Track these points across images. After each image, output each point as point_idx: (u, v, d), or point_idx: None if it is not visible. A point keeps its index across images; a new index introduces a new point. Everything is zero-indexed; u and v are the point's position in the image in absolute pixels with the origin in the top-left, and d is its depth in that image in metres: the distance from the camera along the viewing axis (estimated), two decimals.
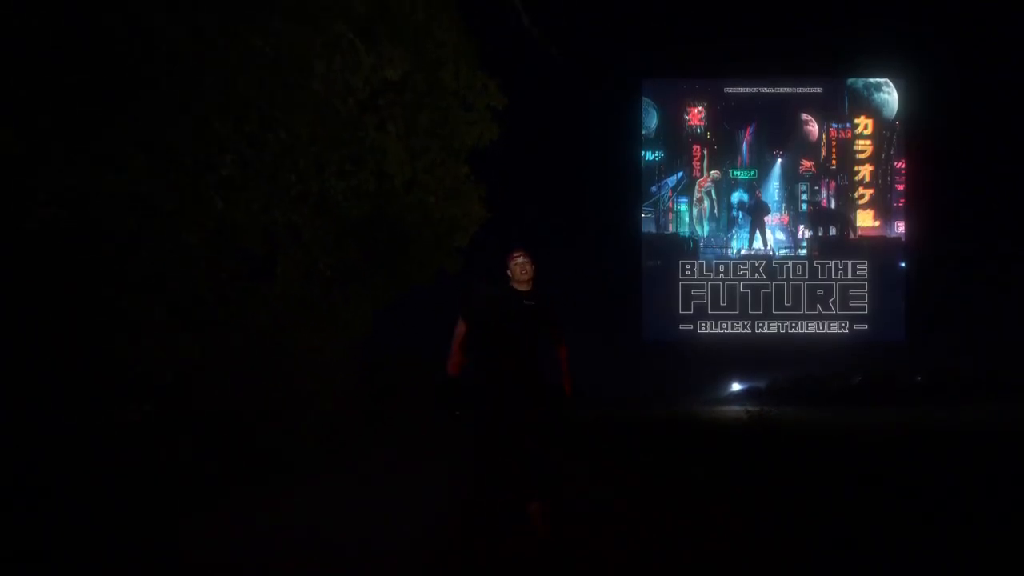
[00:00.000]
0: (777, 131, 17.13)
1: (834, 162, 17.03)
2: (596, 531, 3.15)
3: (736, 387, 19.55)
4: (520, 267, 3.21)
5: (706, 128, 17.27)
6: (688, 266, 16.82)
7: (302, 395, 5.62)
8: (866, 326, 16.73)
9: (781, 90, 17.35)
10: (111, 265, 2.92)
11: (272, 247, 4.27)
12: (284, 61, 3.46)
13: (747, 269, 16.75)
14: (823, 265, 16.68)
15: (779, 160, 17.23)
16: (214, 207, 3.44)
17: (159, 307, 3.11)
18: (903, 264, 16.95)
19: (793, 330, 16.87)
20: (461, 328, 3.22)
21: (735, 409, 9.47)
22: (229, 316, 3.86)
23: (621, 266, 17.47)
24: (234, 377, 4.08)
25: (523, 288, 3.23)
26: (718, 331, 16.76)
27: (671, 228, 17.13)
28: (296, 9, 3.37)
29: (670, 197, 17.18)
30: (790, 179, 17.17)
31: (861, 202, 17.02)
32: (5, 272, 2.58)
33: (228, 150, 3.47)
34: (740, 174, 17.21)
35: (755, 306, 16.78)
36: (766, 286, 16.85)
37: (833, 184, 17.18)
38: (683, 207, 17.21)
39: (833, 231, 16.96)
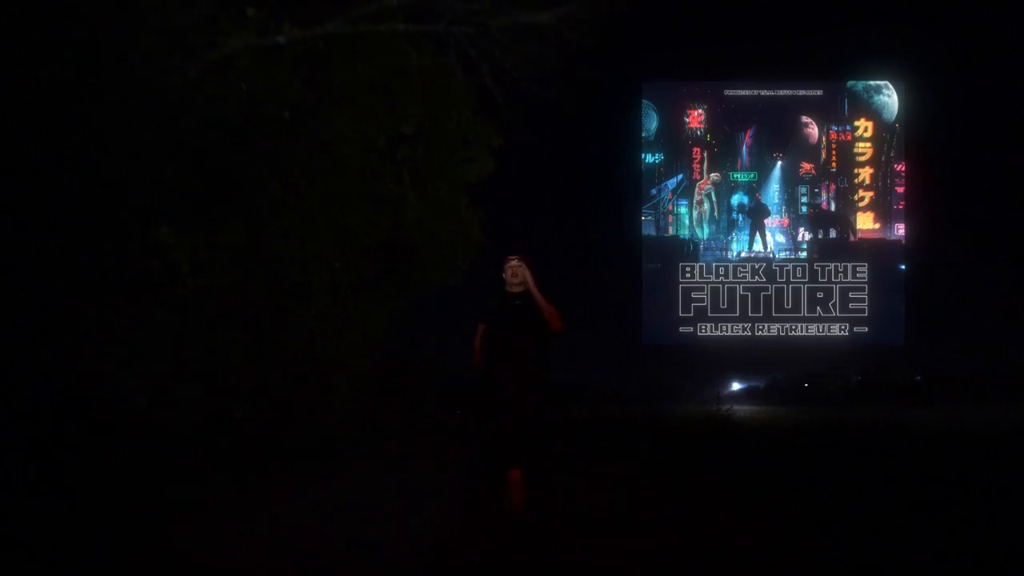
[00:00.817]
0: (777, 134, 17.85)
1: (834, 165, 17.78)
2: (595, 530, 3.36)
3: (736, 386, 20.43)
4: (512, 270, 3.74)
5: (706, 131, 18.00)
6: (688, 269, 17.59)
7: (321, 397, 6.90)
8: (866, 328, 17.47)
9: (781, 93, 18.05)
10: (221, 311, 4.20)
11: (307, 274, 5.57)
12: (325, 135, 4.74)
13: (747, 272, 17.49)
14: (823, 268, 17.42)
15: (779, 163, 17.94)
16: (270, 253, 4.72)
17: (247, 337, 4.39)
18: (903, 267, 17.65)
19: (793, 333, 17.56)
20: (481, 328, 3.92)
21: (702, 409, 10.48)
22: (278, 334, 5.15)
23: (621, 269, 18.35)
24: (281, 385, 5.38)
25: (516, 290, 3.78)
26: (718, 334, 17.47)
27: (671, 231, 17.88)
28: (340, 100, 4.64)
29: (670, 200, 17.93)
30: (790, 182, 17.91)
31: (861, 204, 17.78)
32: (167, 318, 3.91)
33: (281, 207, 4.75)
34: (740, 177, 17.95)
35: (755, 309, 17.51)
36: (766, 289, 17.57)
37: (833, 187, 17.94)
38: (683, 210, 17.94)
39: (833, 233, 17.67)
